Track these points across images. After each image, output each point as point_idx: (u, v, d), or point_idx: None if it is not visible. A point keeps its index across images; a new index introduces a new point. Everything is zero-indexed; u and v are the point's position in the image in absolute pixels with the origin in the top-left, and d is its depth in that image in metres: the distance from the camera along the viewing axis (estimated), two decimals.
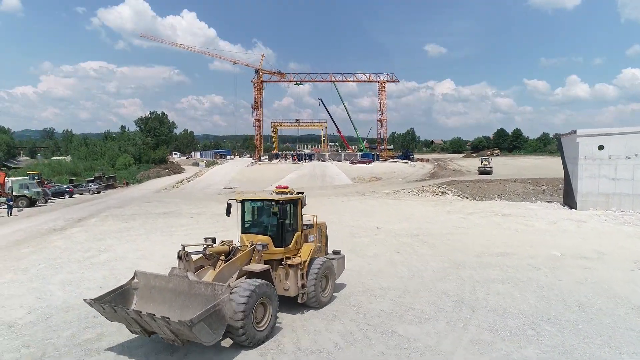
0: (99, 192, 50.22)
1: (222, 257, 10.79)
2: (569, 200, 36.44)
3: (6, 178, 53.52)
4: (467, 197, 46.91)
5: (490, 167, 65.40)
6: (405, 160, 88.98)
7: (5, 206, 32.87)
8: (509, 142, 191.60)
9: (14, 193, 36.48)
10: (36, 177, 63.06)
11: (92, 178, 57.96)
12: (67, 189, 46.03)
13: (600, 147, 33.38)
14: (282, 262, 11.49)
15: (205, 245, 10.56)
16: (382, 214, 30.40)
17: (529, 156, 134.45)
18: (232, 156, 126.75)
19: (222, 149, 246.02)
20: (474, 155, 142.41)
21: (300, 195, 12.44)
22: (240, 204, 12.07)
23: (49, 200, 40.64)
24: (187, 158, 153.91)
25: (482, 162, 66.88)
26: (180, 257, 9.53)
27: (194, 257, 10.16)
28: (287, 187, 28.31)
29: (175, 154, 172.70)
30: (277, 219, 11.46)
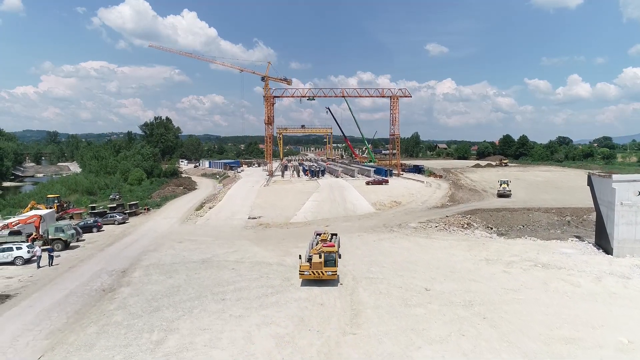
0: (124, 223, 50.22)
1: None
2: (603, 242, 36.58)
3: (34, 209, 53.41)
4: (491, 228, 47.21)
5: (510, 191, 65.54)
6: (419, 178, 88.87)
7: (35, 251, 32.69)
8: (515, 149, 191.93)
9: (50, 236, 36.48)
10: (56, 201, 63.43)
11: (114, 204, 57.77)
12: (96, 223, 45.95)
13: (638, 194, 33.53)
14: None
15: None
16: (423, 266, 30.47)
17: (538, 167, 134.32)
18: (241, 168, 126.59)
19: (226, 153, 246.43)
20: (482, 165, 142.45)
21: None
22: None
23: (80, 239, 40.55)
24: (195, 167, 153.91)
25: (500, 185, 66.96)
26: None
27: None
28: (334, 246, 28.26)
29: (182, 161, 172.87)
30: None
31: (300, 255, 27.74)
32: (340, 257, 27.86)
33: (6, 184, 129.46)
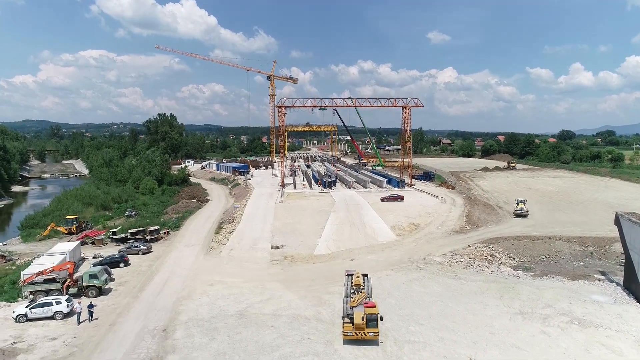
0: (148, 252, 50.45)
1: None
2: (633, 287, 36.98)
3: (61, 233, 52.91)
4: (513, 258, 47.70)
5: (527, 211, 65.82)
6: (433, 192, 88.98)
7: (75, 307, 32.89)
8: (521, 148, 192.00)
9: (84, 283, 36.68)
10: (75, 222, 63.75)
11: (135, 229, 57.77)
12: (122, 258, 46.10)
13: None
14: None
15: None
16: (461, 322, 30.85)
17: (546, 170, 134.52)
18: (250, 173, 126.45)
19: (229, 149, 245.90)
20: (490, 167, 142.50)
21: None
22: None
23: (110, 279, 40.72)
24: (202, 168, 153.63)
25: (517, 205, 67.14)
26: None
27: None
28: (375, 306, 28.55)
29: (189, 161, 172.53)
30: None
31: (343, 317, 28.44)
32: (382, 319, 28.28)
33: (15, 188, 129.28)
